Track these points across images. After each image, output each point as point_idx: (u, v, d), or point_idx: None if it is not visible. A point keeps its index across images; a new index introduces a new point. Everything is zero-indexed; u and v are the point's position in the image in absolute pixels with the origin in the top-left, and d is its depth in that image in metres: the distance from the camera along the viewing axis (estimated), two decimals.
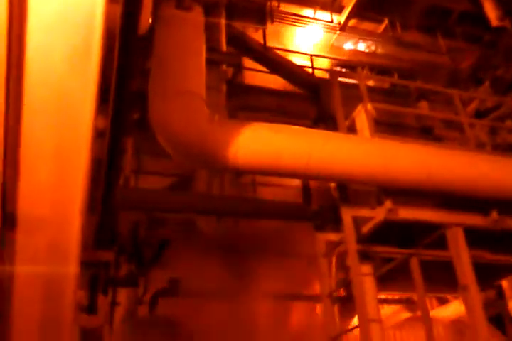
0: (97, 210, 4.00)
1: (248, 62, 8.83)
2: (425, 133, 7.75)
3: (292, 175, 4.65)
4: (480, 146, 6.50)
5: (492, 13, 9.94)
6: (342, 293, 5.96)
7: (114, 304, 5.26)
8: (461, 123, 6.35)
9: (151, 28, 5.05)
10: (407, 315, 7.14)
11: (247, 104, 7.56)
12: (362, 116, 5.73)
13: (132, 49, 3.56)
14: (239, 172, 5.51)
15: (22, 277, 3.23)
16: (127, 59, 3.49)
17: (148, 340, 5.09)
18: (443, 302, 7.75)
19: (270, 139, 4.45)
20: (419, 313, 5.88)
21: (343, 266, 5.51)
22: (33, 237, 3.06)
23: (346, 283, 5.34)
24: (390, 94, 9.12)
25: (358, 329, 4.86)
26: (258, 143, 4.39)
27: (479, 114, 8.41)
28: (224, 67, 7.26)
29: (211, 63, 6.23)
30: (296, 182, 7.70)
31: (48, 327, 3.43)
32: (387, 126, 6.69)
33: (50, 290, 3.27)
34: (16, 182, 2.81)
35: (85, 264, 3.45)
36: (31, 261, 3.18)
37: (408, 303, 7.05)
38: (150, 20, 4.66)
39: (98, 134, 3.17)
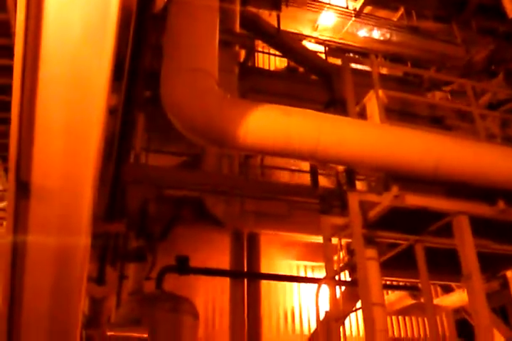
0: (108, 184, 4.06)
1: (260, 46, 8.82)
2: (436, 122, 7.74)
3: (301, 157, 4.67)
4: (490, 138, 6.48)
5: (509, 5, 9.79)
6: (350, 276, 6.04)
7: (122, 277, 5.36)
8: (472, 113, 6.32)
9: (166, 7, 5.05)
10: (411, 301, 7.18)
11: (257, 87, 7.58)
12: (373, 102, 5.71)
13: (147, 26, 3.59)
14: (248, 153, 5.54)
15: (35, 245, 3.30)
16: (142, 35, 3.51)
17: (155, 313, 5.20)
18: (448, 290, 7.79)
19: (281, 121, 4.47)
20: (423, 300, 5.93)
21: (349, 250, 5.56)
22: (45, 207, 3.12)
23: (351, 267, 5.38)
24: (402, 83, 9.09)
25: (362, 312, 4.91)
26: (268, 124, 4.41)
27: (492, 106, 8.36)
28: (236, 48, 7.25)
29: (224, 44, 6.23)
30: (304, 166, 7.74)
31: (58, 294, 3.51)
32: (397, 114, 6.69)
33: (61, 258, 3.34)
34: (30, 153, 2.86)
35: (95, 236, 3.51)
36: (44, 230, 3.25)
37: (412, 290, 7.09)
38: None
39: (110, 111, 3.20)
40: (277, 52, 9.04)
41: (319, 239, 6.01)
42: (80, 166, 2.98)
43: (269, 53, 9.07)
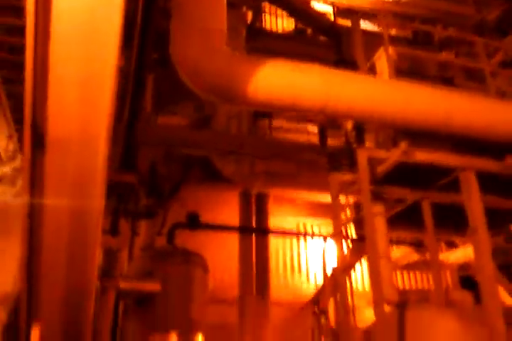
0: (121, 143, 4.15)
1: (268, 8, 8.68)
2: (446, 82, 7.67)
3: (311, 112, 4.70)
4: (500, 95, 6.43)
5: None
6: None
7: (134, 234, 5.53)
8: (483, 71, 6.26)
9: None
10: (416, 257, 7.31)
11: (265, 48, 7.53)
12: (382, 59, 5.69)
13: None
14: (259, 108, 5.56)
15: (51, 198, 3.40)
16: None
17: (166, 267, 5.36)
18: (452, 246, 7.90)
19: (290, 76, 4.49)
20: (428, 256, 6.04)
21: (355, 206, 5.65)
22: (61, 158, 3.20)
23: (357, 222, 5.48)
24: (412, 43, 8.97)
25: (368, 266, 5.03)
26: (278, 79, 4.43)
27: (504, 65, 8.25)
28: (244, 10, 7.18)
29: (231, 6, 6.16)
30: (312, 128, 7.77)
31: (75, 246, 3.64)
32: (407, 74, 6.64)
33: (77, 210, 3.45)
34: (45, 104, 2.92)
35: (109, 189, 3.59)
36: (60, 183, 3.34)
37: (418, 246, 7.21)
38: None
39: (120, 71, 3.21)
40: (285, 14, 8.91)
41: (327, 198, 6.10)
42: (94, 116, 3.03)
43: (276, 14, 8.94)
